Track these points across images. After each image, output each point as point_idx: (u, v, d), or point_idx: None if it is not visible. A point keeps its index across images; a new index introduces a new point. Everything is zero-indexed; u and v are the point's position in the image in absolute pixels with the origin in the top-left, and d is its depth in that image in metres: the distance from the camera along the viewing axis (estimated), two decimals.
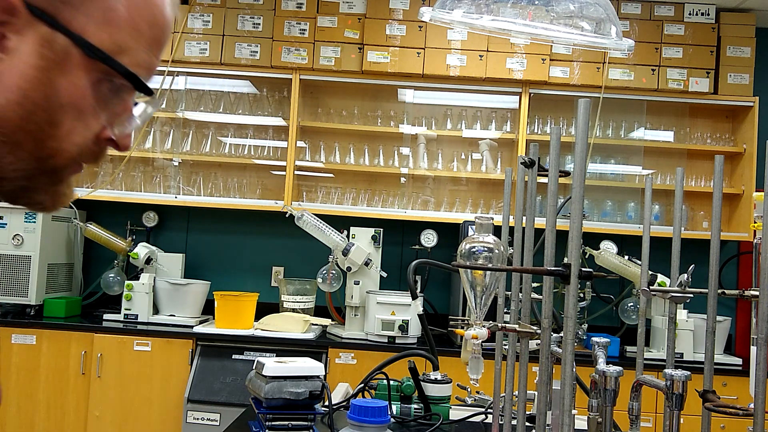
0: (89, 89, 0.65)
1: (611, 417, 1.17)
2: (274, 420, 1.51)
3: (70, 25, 0.62)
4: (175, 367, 3.43)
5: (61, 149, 0.65)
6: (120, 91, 0.68)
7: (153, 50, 0.69)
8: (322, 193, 4.04)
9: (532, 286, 1.25)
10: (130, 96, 0.70)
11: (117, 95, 0.68)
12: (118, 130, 0.69)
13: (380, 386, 1.80)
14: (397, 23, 3.84)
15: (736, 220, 3.94)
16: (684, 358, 3.41)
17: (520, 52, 3.81)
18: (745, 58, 3.90)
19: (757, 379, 0.99)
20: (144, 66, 0.67)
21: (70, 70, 0.63)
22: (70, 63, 0.63)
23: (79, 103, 0.64)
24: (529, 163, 1.24)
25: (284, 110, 4.02)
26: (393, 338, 3.41)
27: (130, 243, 3.81)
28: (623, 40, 1.56)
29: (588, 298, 3.74)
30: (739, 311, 4.04)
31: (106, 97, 0.67)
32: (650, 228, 1.38)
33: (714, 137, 4.06)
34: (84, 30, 0.62)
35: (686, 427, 1.41)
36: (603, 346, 1.23)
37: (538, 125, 4.03)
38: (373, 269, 3.57)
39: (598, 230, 3.81)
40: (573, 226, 0.93)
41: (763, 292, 0.99)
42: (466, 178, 4.09)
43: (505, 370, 1.29)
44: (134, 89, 0.68)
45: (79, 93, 0.64)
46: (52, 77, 0.62)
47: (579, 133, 0.94)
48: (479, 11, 1.53)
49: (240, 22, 3.90)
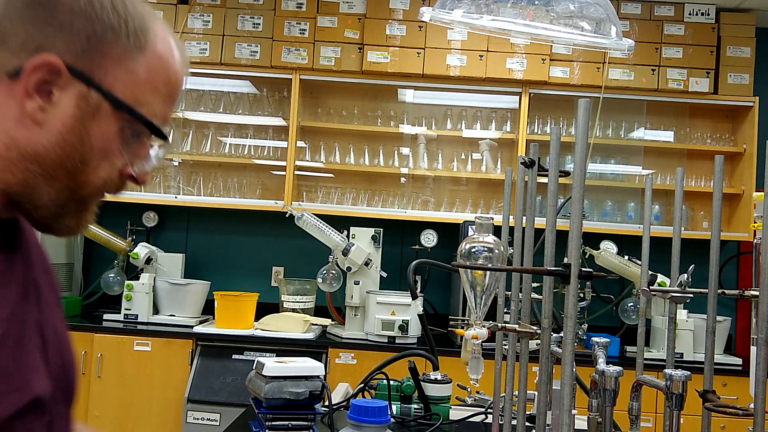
0: (115, 134, 0.80)
1: (611, 417, 1.17)
2: (274, 420, 1.51)
3: (102, 83, 0.78)
4: (175, 367, 3.43)
5: (89, 182, 0.80)
6: (140, 136, 0.83)
7: (167, 103, 0.84)
8: (322, 193, 4.04)
9: (532, 286, 1.25)
10: (148, 140, 0.84)
11: (137, 139, 0.83)
12: (138, 168, 0.84)
13: (380, 386, 1.80)
14: (397, 23, 3.84)
15: (736, 220, 3.94)
16: (684, 358, 3.41)
17: (520, 52, 3.81)
18: (745, 58, 3.90)
19: (757, 379, 1.00)
20: (160, 116, 0.83)
21: (100, 119, 0.79)
22: (101, 113, 0.79)
23: (106, 145, 0.80)
24: (529, 163, 1.24)
25: (284, 110, 4.02)
26: (393, 338, 3.41)
27: (130, 243, 3.81)
28: (623, 40, 1.56)
29: (588, 298, 3.74)
30: (739, 311, 4.04)
31: (129, 141, 0.82)
32: (650, 228, 1.38)
33: (714, 137, 4.06)
34: (112, 87, 0.79)
35: (686, 427, 1.41)
36: (603, 346, 1.23)
37: (538, 125, 4.03)
38: (373, 269, 3.57)
39: (598, 230, 3.81)
40: (573, 226, 0.93)
41: (763, 292, 0.99)
42: (466, 178, 4.09)
43: (505, 370, 1.29)
44: (151, 134, 0.83)
45: (107, 137, 0.80)
46: (86, 124, 0.78)
47: (579, 133, 0.94)
48: (479, 11, 1.53)
49: (240, 22, 3.90)
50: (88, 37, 0.77)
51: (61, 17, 0.76)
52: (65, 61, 0.76)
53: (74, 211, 0.82)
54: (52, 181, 0.79)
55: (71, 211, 0.82)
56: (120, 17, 0.79)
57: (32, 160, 0.77)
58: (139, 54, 0.80)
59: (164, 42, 0.83)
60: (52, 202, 0.80)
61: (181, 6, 3.94)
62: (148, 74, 0.81)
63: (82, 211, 0.83)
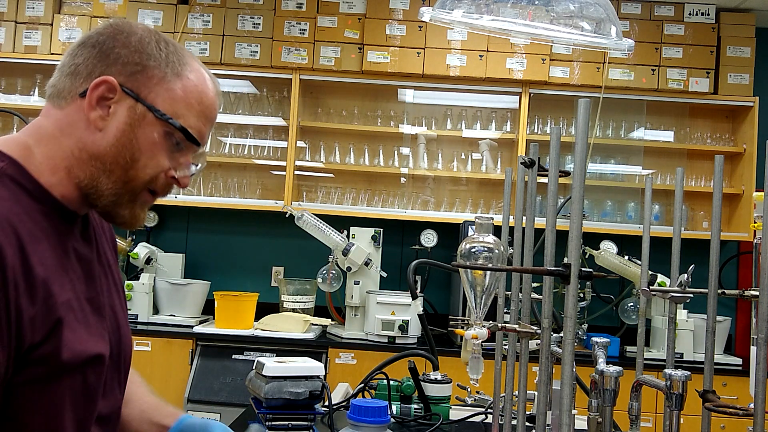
0: (158, 139, 1.04)
1: (611, 417, 1.17)
2: (274, 420, 1.51)
3: (146, 98, 1.03)
4: (175, 367, 3.43)
5: (138, 177, 1.04)
6: (181, 147, 1.06)
7: (201, 119, 1.08)
8: (322, 193, 4.04)
9: (532, 286, 1.25)
10: (189, 151, 1.08)
11: (180, 149, 1.07)
12: (180, 173, 1.08)
13: (380, 386, 1.80)
14: (397, 23, 3.84)
15: (736, 220, 3.94)
16: (684, 358, 3.41)
17: (520, 52, 3.81)
18: (745, 58, 3.90)
19: (757, 379, 0.99)
20: (194, 128, 1.06)
21: (146, 126, 1.03)
22: (146, 121, 1.03)
23: (151, 147, 1.03)
24: (529, 163, 1.24)
25: (284, 110, 4.02)
26: (393, 338, 3.41)
27: (130, 243, 3.81)
28: (623, 40, 1.56)
29: (588, 298, 3.73)
30: (739, 311, 4.04)
31: (172, 149, 1.06)
32: (650, 228, 1.38)
33: (714, 137, 4.06)
34: (154, 102, 1.03)
35: (686, 427, 1.41)
36: (603, 346, 1.23)
37: (538, 125, 4.03)
38: (373, 269, 3.57)
39: (598, 230, 3.81)
40: (573, 226, 0.93)
41: (763, 292, 0.99)
42: (466, 178, 4.09)
43: (505, 370, 1.29)
44: (190, 144, 1.06)
45: (152, 140, 1.03)
46: (134, 130, 1.02)
47: (579, 133, 0.94)
48: (479, 11, 1.53)
49: (240, 22, 3.90)
50: (135, 65, 1.03)
51: (116, 53, 1.03)
52: (119, 82, 1.02)
53: (127, 201, 1.05)
54: (110, 175, 1.03)
55: (125, 201, 1.05)
56: (161, 52, 1.05)
57: (96, 159, 1.02)
58: (176, 78, 1.05)
59: (198, 72, 1.08)
60: (110, 192, 1.03)
61: (181, 6, 3.94)
62: (184, 93, 1.05)
63: (133, 203, 1.06)
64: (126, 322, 1.19)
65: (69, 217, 1.05)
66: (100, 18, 3.98)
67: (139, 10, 3.93)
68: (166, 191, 1.09)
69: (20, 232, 0.93)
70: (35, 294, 0.93)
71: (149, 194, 1.07)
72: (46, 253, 0.97)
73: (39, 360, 0.94)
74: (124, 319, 1.18)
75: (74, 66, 1.04)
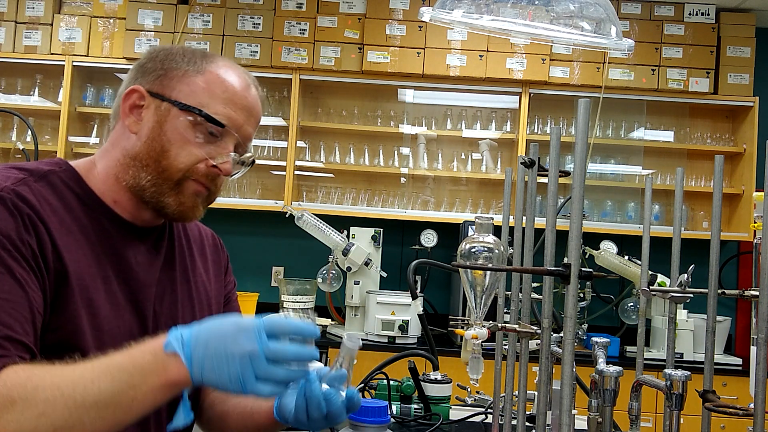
0: (185, 129, 1.11)
1: (611, 417, 1.17)
2: None
3: (170, 96, 1.13)
4: None
5: (171, 166, 1.11)
6: (216, 136, 1.13)
7: (229, 106, 1.14)
8: (322, 193, 4.04)
9: (532, 286, 1.25)
10: (227, 141, 1.14)
11: (214, 139, 1.14)
12: (219, 161, 1.14)
13: (380, 386, 1.80)
14: (397, 23, 3.84)
15: (736, 220, 3.94)
16: (684, 358, 3.41)
17: (520, 52, 3.81)
18: (745, 58, 3.90)
19: (757, 379, 0.99)
20: (222, 114, 1.13)
21: (171, 119, 1.12)
22: (171, 115, 1.12)
23: (180, 138, 1.11)
24: (529, 163, 1.24)
25: (284, 110, 4.02)
26: (393, 338, 3.41)
27: None
28: (623, 40, 1.56)
29: (588, 298, 3.73)
30: (739, 311, 4.04)
31: (205, 138, 1.13)
32: (650, 228, 1.38)
33: (714, 137, 4.06)
34: (178, 97, 1.12)
35: (686, 427, 1.41)
36: (603, 346, 1.23)
37: (538, 125, 4.03)
38: (373, 269, 3.57)
39: (598, 230, 3.81)
40: (573, 226, 0.93)
41: (763, 292, 0.99)
42: (466, 178, 4.09)
43: (505, 370, 1.29)
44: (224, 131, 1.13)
45: (179, 132, 1.11)
46: (161, 125, 1.12)
47: (579, 133, 0.94)
48: (479, 11, 1.53)
49: (240, 22, 3.90)
50: (160, 71, 1.14)
51: (146, 68, 1.16)
52: (146, 89, 1.13)
53: (168, 190, 1.12)
54: (147, 168, 1.11)
55: (166, 190, 1.12)
56: (185, 57, 1.15)
57: (134, 158, 1.12)
58: (198, 74, 1.14)
59: (222, 68, 1.16)
60: (149, 183, 1.12)
61: (181, 6, 3.94)
62: (206, 84, 1.13)
63: (177, 192, 1.13)
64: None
65: (122, 224, 1.15)
66: (100, 18, 3.98)
67: (139, 10, 3.93)
68: (212, 182, 1.15)
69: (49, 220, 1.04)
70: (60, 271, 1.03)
71: (195, 184, 1.13)
72: (76, 245, 1.07)
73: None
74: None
75: (121, 88, 1.19)
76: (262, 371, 0.89)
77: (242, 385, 0.89)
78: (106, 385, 0.89)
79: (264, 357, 0.89)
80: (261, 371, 0.89)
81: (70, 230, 1.07)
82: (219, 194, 1.20)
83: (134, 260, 1.16)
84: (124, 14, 3.95)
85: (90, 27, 3.97)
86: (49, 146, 3.97)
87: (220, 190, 1.19)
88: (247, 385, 0.89)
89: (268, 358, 0.89)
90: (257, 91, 1.20)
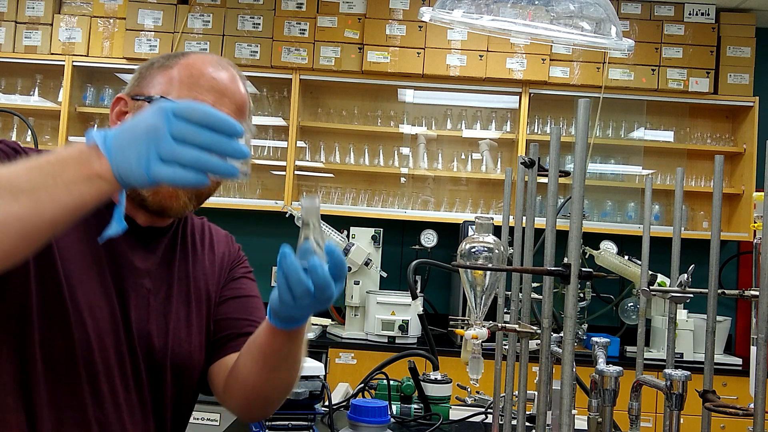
0: None
1: (611, 417, 1.16)
2: (274, 420, 1.51)
3: (143, 94, 1.18)
4: None
5: None
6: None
7: (194, 89, 1.15)
8: (322, 193, 4.04)
9: (532, 286, 1.25)
10: None
11: None
12: None
13: (380, 386, 1.80)
14: (397, 23, 3.84)
15: (736, 220, 3.94)
16: (684, 358, 3.41)
17: (520, 52, 3.81)
18: (745, 58, 3.90)
19: (757, 379, 0.99)
20: (186, 98, 1.13)
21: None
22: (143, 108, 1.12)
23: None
24: (529, 163, 1.24)
25: (284, 110, 4.02)
26: (393, 338, 3.41)
27: None
28: (623, 40, 1.56)
29: (588, 298, 3.73)
30: (739, 311, 4.04)
31: None
32: (650, 228, 1.38)
33: (714, 137, 4.06)
34: (149, 92, 1.17)
35: (686, 427, 1.41)
36: (603, 346, 1.23)
37: (538, 125, 4.03)
38: (373, 269, 3.57)
39: (598, 230, 3.81)
40: (573, 226, 0.93)
41: (763, 292, 0.99)
42: (466, 178, 4.09)
43: (505, 370, 1.29)
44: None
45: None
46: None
47: (579, 133, 0.94)
48: (479, 11, 1.53)
49: (240, 22, 3.90)
50: (140, 75, 1.21)
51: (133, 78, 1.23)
52: (127, 94, 1.20)
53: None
54: None
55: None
56: (162, 59, 1.21)
57: None
58: (169, 69, 1.18)
59: (193, 57, 1.19)
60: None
61: (181, 6, 3.94)
62: (176, 75, 1.16)
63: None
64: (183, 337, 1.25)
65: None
66: (100, 18, 3.98)
67: (140, 10, 3.93)
68: None
69: None
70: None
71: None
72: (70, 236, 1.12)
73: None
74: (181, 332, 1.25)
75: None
76: (166, 150, 0.83)
77: (146, 166, 0.83)
78: (24, 171, 0.86)
79: (169, 134, 0.83)
80: (165, 149, 0.83)
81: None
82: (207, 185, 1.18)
83: (129, 251, 1.20)
84: (124, 14, 3.95)
85: (90, 27, 3.97)
86: (49, 146, 3.97)
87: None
88: (151, 165, 0.83)
89: (174, 136, 0.83)
90: (234, 74, 1.20)
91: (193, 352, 1.27)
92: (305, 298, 0.97)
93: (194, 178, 0.84)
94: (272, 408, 1.29)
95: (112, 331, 1.15)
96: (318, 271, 0.96)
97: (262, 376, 1.18)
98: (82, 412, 1.11)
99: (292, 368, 1.19)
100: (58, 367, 1.09)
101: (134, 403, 1.18)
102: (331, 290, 0.98)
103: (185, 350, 1.25)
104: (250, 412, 1.28)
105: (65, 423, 1.10)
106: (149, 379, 1.21)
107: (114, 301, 1.16)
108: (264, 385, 1.19)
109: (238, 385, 1.23)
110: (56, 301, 1.09)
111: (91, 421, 1.11)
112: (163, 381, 1.22)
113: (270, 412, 1.31)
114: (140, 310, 1.20)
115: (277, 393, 1.23)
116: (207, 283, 1.32)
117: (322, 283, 0.97)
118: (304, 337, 1.16)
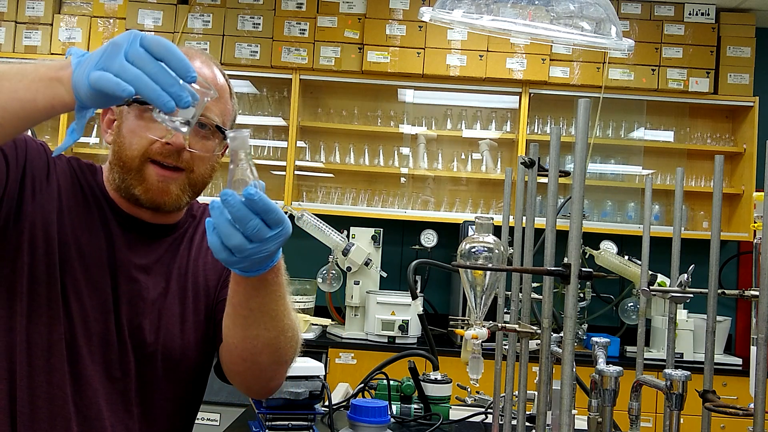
0: (133, 119, 1.19)
1: (611, 417, 1.16)
2: (274, 420, 1.51)
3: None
4: None
5: (128, 156, 1.19)
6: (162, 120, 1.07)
7: None
8: (322, 193, 4.04)
9: (532, 286, 1.25)
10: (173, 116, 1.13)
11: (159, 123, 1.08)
12: (169, 137, 1.16)
13: (380, 386, 1.80)
14: (397, 23, 3.84)
15: (736, 220, 3.94)
16: (684, 358, 3.41)
17: (520, 52, 3.81)
18: (745, 58, 3.90)
19: (757, 379, 0.99)
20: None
21: (124, 117, 1.21)
22: (123, 114, 1.21)
23: (131, 130, 1.19)
24: (529, 163, 1.24)
25: (284, 110, 4.02)
26: (393, 338, 3.41)
27: None
28: (623, 40, 1.56)
29: (588, 298, 3.73)
30: (739, 311, 4.04)
31: (152, 122, 1.16)
32: (650, 228, 1.38)
33: (714, 137, 4.06)
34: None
35: (686, 427, 1.41)
36: (603, 346, 1.23)
37: (538, 125, 4.03)
38: (373, 269, 3.57)
39: (598, 230, 3.81)
40: (573, 226, 0.93)
41: (763, 292, 0.99)
42: (466, 178, 4.09)
43: (505, 370, 1.29)
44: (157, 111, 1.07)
45: (129, 124, 1.20)
46: (120, 127, 1.21)
47: (579, 133, 0.94)
48: (479, 11, 1.53)
49: (240, 22, 3.90)
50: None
51: None
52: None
53: (133, 180, 1.19)
54: (116, 168, 1.21)
55: (132, 182, 1.19)
56: None
57: (110, 164, 1.23)
58: None
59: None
60: (120, 180, 1.21)
61: (181, 6, 3.94)
62: None
63: (140, 180, 1.19)
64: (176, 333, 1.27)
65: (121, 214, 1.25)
66: (100, 18, 3.98)
67: (140, 10, 3.93)
68: (176, 159, 1.19)
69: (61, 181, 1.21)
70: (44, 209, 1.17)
71: (155, 167, 1.19)
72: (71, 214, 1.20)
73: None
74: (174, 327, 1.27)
75: None
76: (115, 64, 0.86)
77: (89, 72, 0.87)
78: (8, 67, 0.93)
79: (124, 54, 0.87)
80: (114, 64, 0.87)
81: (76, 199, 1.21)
82: (199, 174, 1.24)
83: (130, 247, 1.25)
84: (124, 14, 3.95)
85: (90, 27, 3.97)
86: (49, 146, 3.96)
87: (197, 169, 1.23)
88: (94, 71, 0.87)
89: (128, 57, 0.87)
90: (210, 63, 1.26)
91: (187, 348, 1.28)
92: (259, 232, 0.97)
93: (126, 92, 0.86)
94: (266, 376, 1.22)
95: (102, 321, 1.19)
96: (255, 198, 0.96)
97: (238, 333, 1.15)
98: (59, 390, 1.14)
99: (270, 325, 1.13)
100: (38, 341, 1.14)
101: (116, 391, 1.21)
102: (276, 213, 0.99)
103: (177, 345, 1.27)
104: (248, 383, 1.25)
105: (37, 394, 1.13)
106: (138, 371, 1.23)
107: (107, 292, 1.20)
108: (243, 344, 1.16)
109: (225, 351, 1.22)
110: (46, 281, 1.14)
111: (69, 400, 1.15)
112: (153, 374, 1.25)
113: (269, 385, 1.26)
114: (133, 304, 1.23)
115: (262, 356, 1.17)
116: (207, 278, 1.33)
117: (263, 207, 0.97)
118: (278, 290, 1.11)
